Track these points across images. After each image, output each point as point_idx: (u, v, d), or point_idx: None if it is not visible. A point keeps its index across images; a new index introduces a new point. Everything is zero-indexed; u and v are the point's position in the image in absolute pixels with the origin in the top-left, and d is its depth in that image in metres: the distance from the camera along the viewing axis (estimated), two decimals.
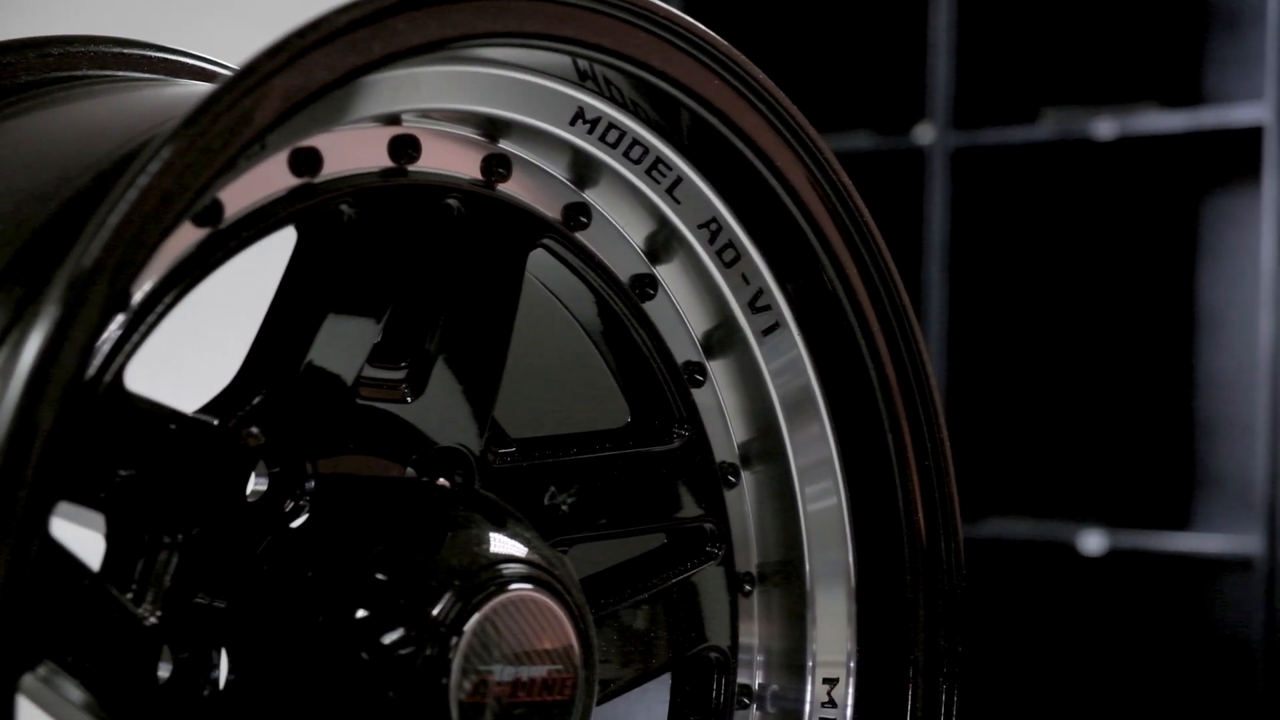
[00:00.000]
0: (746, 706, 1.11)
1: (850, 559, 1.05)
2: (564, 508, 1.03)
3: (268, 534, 0.91)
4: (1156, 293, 3.72)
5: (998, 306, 3.65)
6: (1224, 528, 3.57)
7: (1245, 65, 3.59)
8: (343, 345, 0.94)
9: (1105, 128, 3.40)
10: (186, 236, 0.86)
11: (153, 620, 0.87)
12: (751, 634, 1.11)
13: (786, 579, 1.10)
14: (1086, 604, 3.68)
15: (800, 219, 1.00)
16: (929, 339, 3.45)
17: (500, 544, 0.92)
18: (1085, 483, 3.73)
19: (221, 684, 0.90)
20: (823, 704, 1.09)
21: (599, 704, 1.01)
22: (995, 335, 3.64)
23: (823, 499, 1.06)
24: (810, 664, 1.09)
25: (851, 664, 1.07)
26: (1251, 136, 3.26)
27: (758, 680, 1.11)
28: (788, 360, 1.06)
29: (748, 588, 1.10)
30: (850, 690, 1.08)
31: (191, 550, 0.88)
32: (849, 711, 1.08)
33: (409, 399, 0.97)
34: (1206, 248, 3.69)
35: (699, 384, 1.07)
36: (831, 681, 1.09)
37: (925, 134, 3.63)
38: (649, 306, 1.05)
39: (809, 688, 1.09)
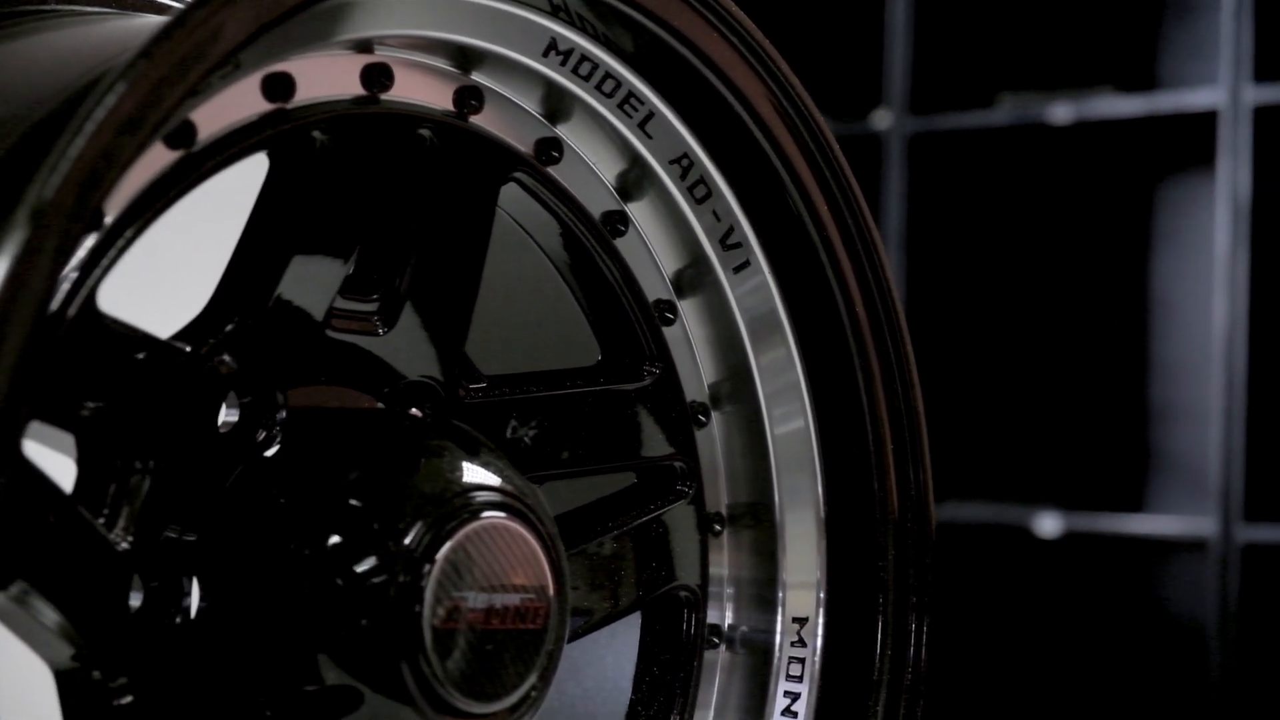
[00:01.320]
0: (716, 646, 1.11)
1: (819, 490, 1.05)
2: (534, 444, 1.02)
3: (239, 464, 0.91)
4: (1112, 277, 3.74)
5: (954, 292, 3.67)
6: (1178, 510, 3.59)
7: (1200, 50, 3.61)
8: (314, 276, 0.93)
9: (1061, 112, 3.42)
10: (159, 158, 0.85)
11: (124, 545, 0.86)
12: (721, 574, 1.11)
13: (756, 520, 1.10)
14: (1042, 586, 3.70)
15: (769, 151, 1.00)
16: None
17: (473, 472, 0.92)
18: (1041, 466, 3.75)
19: (193, 612, 0.90)
20: (792, 643, 1.09)
21: (569, 641, 1.01)
22: (951, 320, 3.65)
23: (790, 421, 1.06)
24: (780, 603, 1.09)
25: (822, 601, 1.07)
26: (1206, 121, 3.29)
27: (727, 620, 1.11)
28: (758, 298, 1.06)
29: (717, 528, 1.10)
30: (820, 628, 1.08)
31: (163, 478, 0.88)
32: (819, 649, 1.08)
33: (380, 332, 0.97)
34: (1161, 232, 3.71)
35: (670, 322, 1.07)
36: (801, 620, 1.09)
37: (882, 119, 3.64)
38: (620, 243, 1.05)
39: (778, 627, 1.09)
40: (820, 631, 1.08)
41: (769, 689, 1.09)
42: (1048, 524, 3.46)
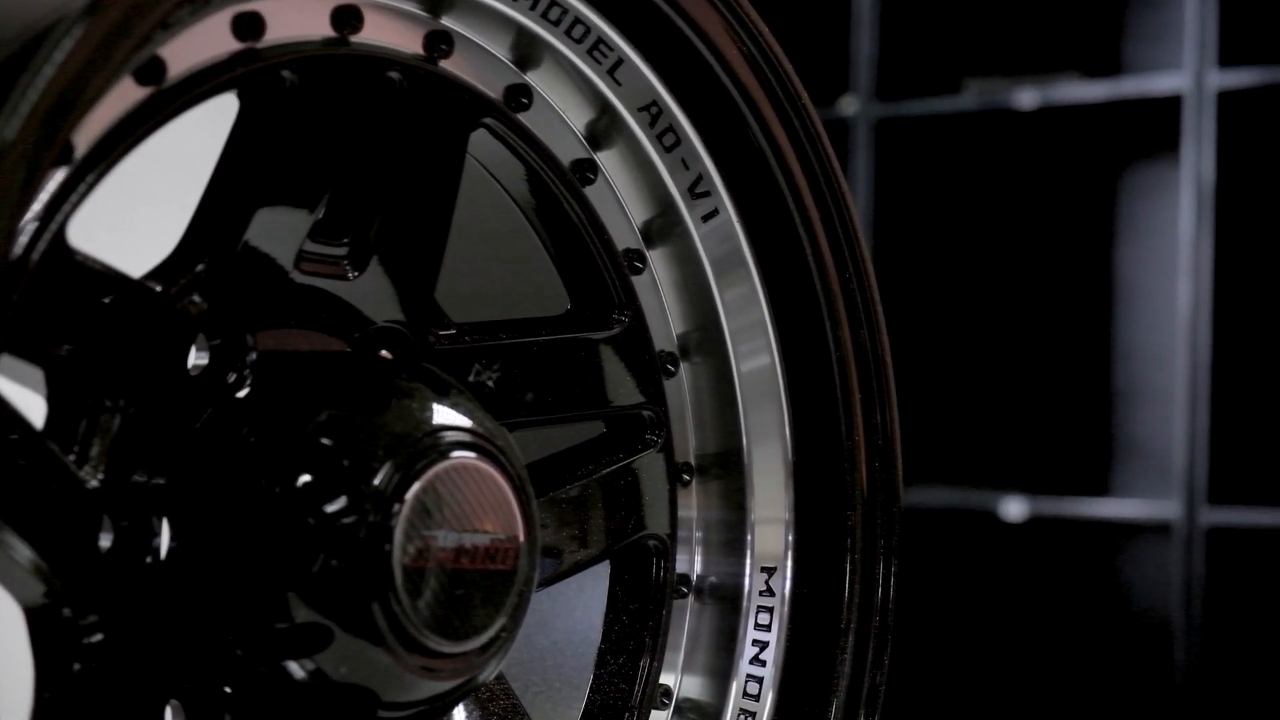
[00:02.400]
0: (684, 595, 1.11)
1: (787, 434, 1.06)
2: (503, 391, 1.02)
3: (209, 406, 0.91)
4: (1077, 262, 3.76)
5: (920, 277, 3.68)
6: (1143, 493, 3.61)
7: (1164, 35, 3.63)
8: (284, 218, 0.93)
9: (1027, 98, 3.43)
10: (129, 94, 0.85)
11: (94, 484, 0.86)
12: (690, 524, 1.11)
13: (725, 469, 1.11)
14: (1008, 570, 3.71)
15: (737, 98, 1.01)
16: None
17: (443, 413, 0.92)
18: (1006, 451, 3.76)
19: (163, 552, 0.90)
20: (761, 592, 1.09)
21: (538, 589, 1.01)
22: (917, 305, 3.66)
23: (756, 358, 1.07)
24: (748, 553, 1.10)
25: (790, 548, 1.08)
26: (1170, 106, 3.30)
27: (696, 570, 1.12)
28: (727, 246, 1.07)
29: (686, 478, 1.11)
30: (788, 577, 1.08)
31: (133, 417, 0.88)
32: (787, 598, 1.08)
33: (350, 276, 0.97)
34: (1126, 217, 3.73)
35: (639, 271, 1.07)
36: (769, 570, 1.10)
37: (849, 105, 3.65)
38: (589, 192, 1.05)
39: (747, 576, 1.10)
40: (788, 580, 1.08)
41: (737, 637, 1.10)
42: (1013, 508, 3.48)
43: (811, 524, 1.06)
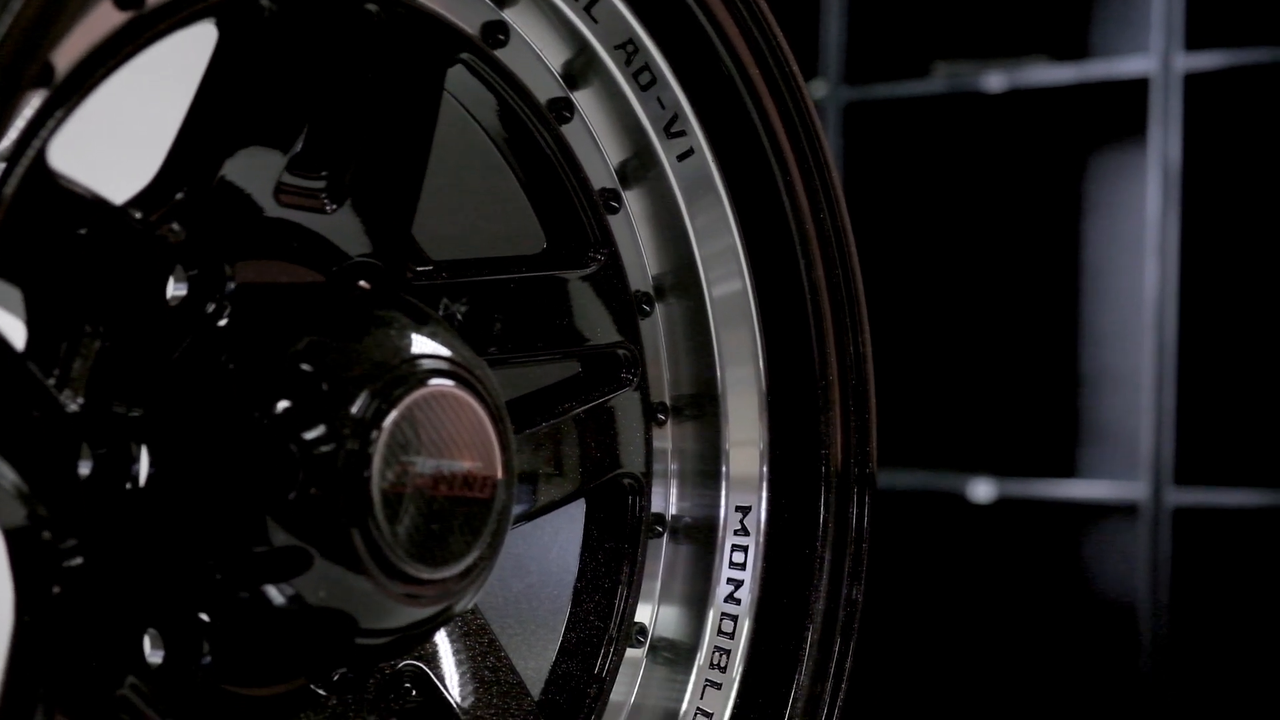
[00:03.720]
0: (660, 535, 1.12)
1: (761, 366, 1.06)
2: (480, 329, 1.03)
3: (188, 334, 0.91)
4: (1044, 245, 3.78)
5: (888, 259, 3.69)
6: (1110, 475, 3.63)
7: (1132, 18, 3.64)
8: (262, 149, 0.94)
9: (995, 80, 3.45)
10: (108, 18, 0.86)
11: (74, 408, 0.86)
12: (665, 464, 1.12)
13: (700, 410, 1.12)
14: (977, 551, 3.73)
15: (713, 36, 1.01)
16: None
17: (421, 342, 0.92)
18: (974, 433, 3.78)
19: (142, 478, 0.90)
20: (735, 531, 1.10)
21: (514, 525, 1.02)
22: (885, 289, 3.68)
23: (728, 283, 1.07)
24: (723, 492, 1.10)
25: (764, 484, 1.08)
26: (1138, 88, 3.32)
27: (671, 510, 1.12)
28: (702, 186, 1.07)
29: (661, 417, 1.11)
30: (762, 517, 1.09)
31: (112, 343, 0.88)
32: (762, 537, 1.09)
33: (328, 209, 0.97)
34: (1093, 200, 3.75)
35: (614, 210, 1.08)
36: (744, 509, 1.10)
37: (818, 89, 3.66)
38: (566, 131, 1.06)
39: (722, 515, 1.10)
40: (763, 519, 1.09)
41: (713, 576, 1.10)
42: (981, 490, 3.49)
43: (786, 456, 1.07)
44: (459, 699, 1.02)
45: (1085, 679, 3.64)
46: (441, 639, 1.04)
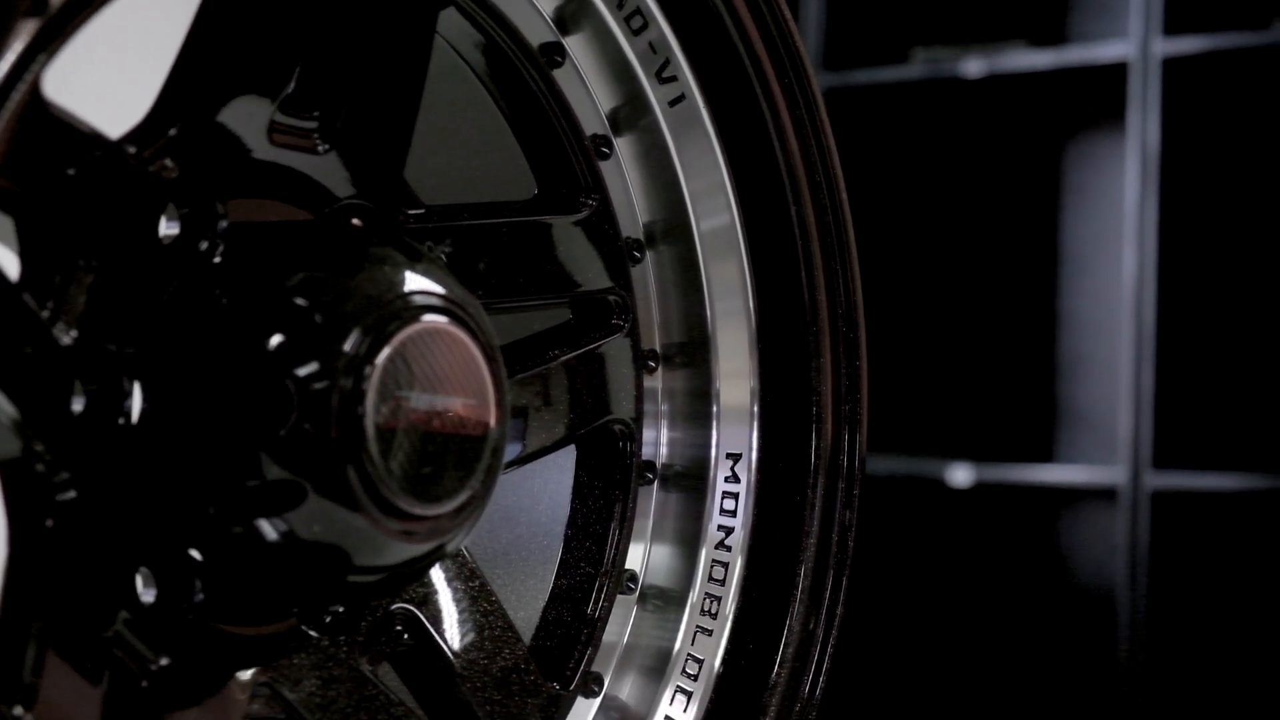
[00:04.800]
0: (650, 483, 1.12)
1: (750, 306, 1.06)
2: (472, 273, 1.03)
3: (182, 270, 0.91)
4: (1023, 230, 3.78)
5: (866, 246, 3.69)
6: (1088, 459, 3.64)
7: (1110, 4, 3.65)
8: (255, 88, 0.93)
9: (974, 66, 3.45)
10: None
11: (67, 341, 0.86)
12: (656, 413, 1.12)
13: (690, 357, 1.12)
14: (955, 535, 3.73)
15: None
16: None
17: (415, 279, 0.92)
18: (953, 419, 3.78)
19: (135, 413, 0.90)
20: (726, 479, 1.10)
21: (505, 469, 1.02)
22: (864, 275, 3.67)
23: (716, 216, 1.07)
24: (714, 440, 1.11)
25: (755, 426, 1.08)
26: (1116, 73, 3.33)
27: (661, 459, 1.12)
28: (694, 133, 1.07)
29: (652, 364, 1.11)
30: (753, 463, 1.09)
31: (106, 279, 0.88)
32: (753, 486, 1.09)
33: (320, 150, 0.97)
34: (1072, 185, 3.76)
35: (605, 156, 1.08)
36: (735, 457, 1.10)
37: None
38: (557, 75, 1.06)
39: (712, 463, 1.11)
40: (753, 467, 1.09)
41: (703, 522, 1.10)
42: (960, 475, 3.50)
43: (776, 396, 1.07)
44: (450, 642, 1.02)
45: (1063, 663, 3.65)
46: (433, 583, 1.04)
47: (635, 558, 1.11)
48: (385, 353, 0.89)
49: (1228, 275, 3.41)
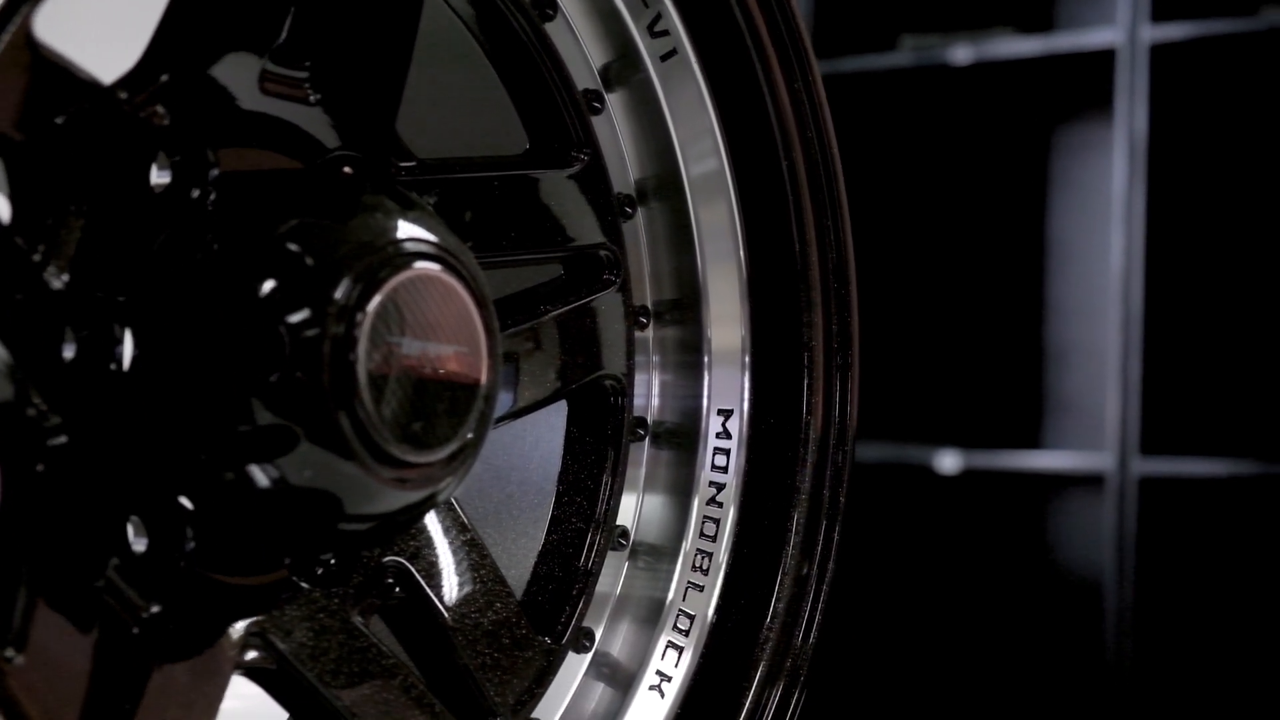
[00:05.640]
0: (642, 439, 1.12)
1: (741, 257, 1.06)
2: (463, 227, 1.03)
3: (173, 218, 0.91)
4: (1011, 217, 3.79)
5: (854, 233, 3.69)
6: (1075, 445, 3.64)
7: None
8: (246, 36, 0.93)
9: (962, 53, 3.46)
10: None
11: (58, 285, 0.86)
12: (647, 369, 1.12)
13: (681, 318, 1.12)
14: (943, 522, 3.74)
15: None
16: None
17: (407, 226, 0.92)
18: (941, 405, 3.79)
19: (127, 359, 0.89)
20: (717, 435, 1.10)
21: (497, 423, 1.02)
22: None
23: (705, 161, 1.07)
24: (705, 397, 1.10)
25: (747, 377, 1.08)
26: (1104, 60, 3.33)
27: (653, 415, 1.12)
28: (685, 88, 1.07)
29: (643, 320, 1.11)
30: (745, 418, 1.09)
31: (96, 225, 0.87)
32: (744, 441, 1.09)
33: (311, 100, 0.96)
34: (1059, 172, 3.76)
35: (597, 111, 1.08)
36: (726, 413, 1.10)
37: None
38: (548, 29, 1.06)
39: (704, 419, 1.10)
40: (745, 421, 1.09)
41: (694, 479, 1.10)
42: (947, 461, 3.50)
43: (767, 346, 1.06)
44: (442, 596, 1.02)
45: (1051, 649, 3.65)
46: (425, 537, 1.04)
47: (627, 513, 1.11)
48: (377, 299, 0.88)
49: (1215, 262, 3.41)
